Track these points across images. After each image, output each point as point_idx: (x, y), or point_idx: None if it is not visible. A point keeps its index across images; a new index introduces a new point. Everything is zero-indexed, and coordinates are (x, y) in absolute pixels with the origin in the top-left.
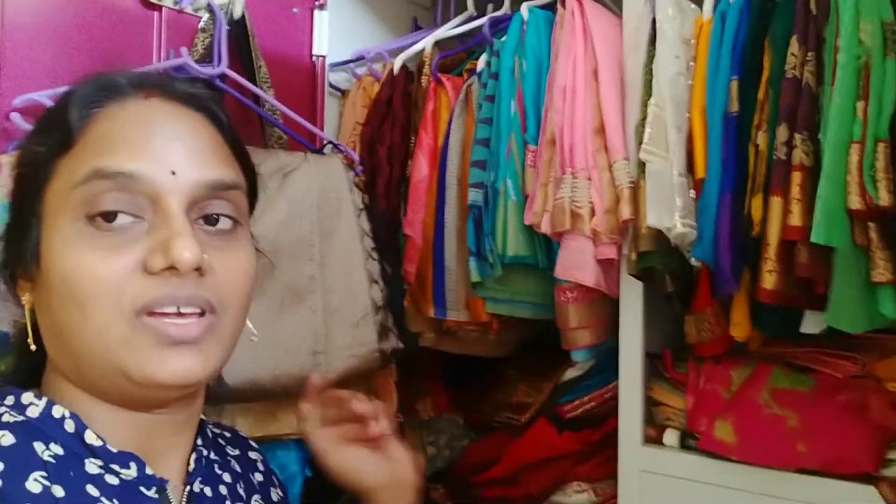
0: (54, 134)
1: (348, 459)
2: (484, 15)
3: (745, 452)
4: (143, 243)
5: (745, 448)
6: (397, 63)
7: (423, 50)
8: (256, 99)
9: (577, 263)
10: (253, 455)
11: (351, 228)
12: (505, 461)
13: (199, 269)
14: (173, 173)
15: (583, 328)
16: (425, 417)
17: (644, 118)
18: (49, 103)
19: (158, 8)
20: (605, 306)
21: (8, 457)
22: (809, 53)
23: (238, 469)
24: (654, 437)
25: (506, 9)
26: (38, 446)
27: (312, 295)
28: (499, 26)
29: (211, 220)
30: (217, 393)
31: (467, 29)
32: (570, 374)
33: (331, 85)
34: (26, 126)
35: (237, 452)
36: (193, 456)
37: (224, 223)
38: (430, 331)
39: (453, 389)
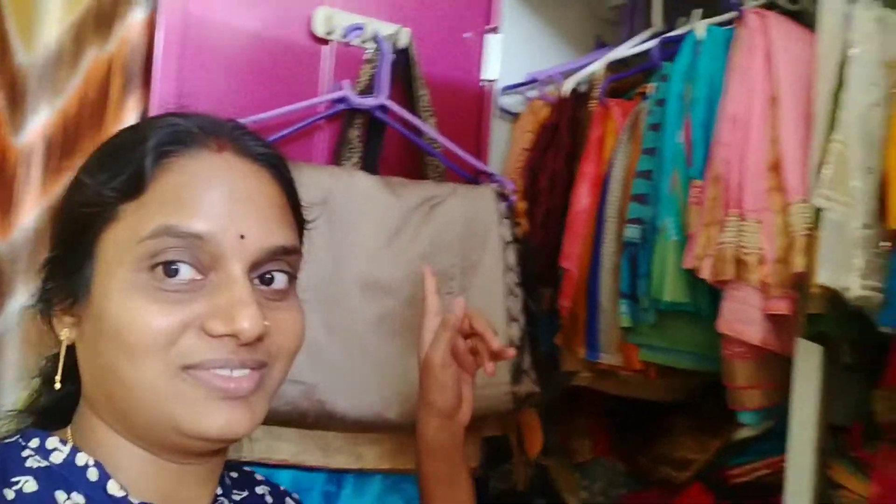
0: (123, 177)
1: (450, 377)
2: (673, 30)
3: None
4: (202, 301)
5: None
6: (567, 86)
7: (594, 72)
8: (416, 128)
9: (742, 317)
10: (259, 490)
11: (495, 263)
12: None
13: (258, 338)
14: (242, 237)
15: (752, 388)
16: (581, 459)
17: (825, 156)
18: None
19: (326, 41)
20: (782, 364)
21: None
22: None
23: None
24: None
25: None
26: (60, 495)
27: None
28: (673, 46)
29: (265, 278)
30: (344, 424)
31: (647, 48)
32: (745, 432)
33: (503, 109)
34: None
35: (245, 493)
36: None
37: (279, 282)
38: (586, 370)
39: (615, 430)
